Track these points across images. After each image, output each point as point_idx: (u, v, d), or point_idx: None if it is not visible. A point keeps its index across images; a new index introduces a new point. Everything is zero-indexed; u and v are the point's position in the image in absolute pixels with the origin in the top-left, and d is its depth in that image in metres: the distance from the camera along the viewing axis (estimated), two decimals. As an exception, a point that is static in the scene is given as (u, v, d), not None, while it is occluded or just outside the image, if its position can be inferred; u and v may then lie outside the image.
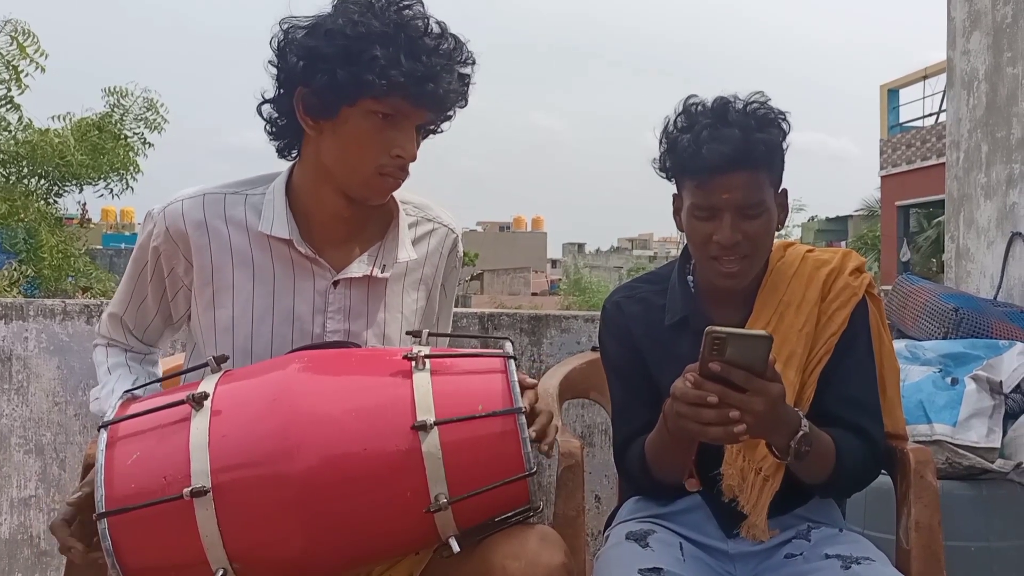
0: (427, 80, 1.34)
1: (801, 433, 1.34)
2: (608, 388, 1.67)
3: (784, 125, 1.49)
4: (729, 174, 1.43)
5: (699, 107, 1.49)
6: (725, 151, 1.41)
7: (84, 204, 9.98)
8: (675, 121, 1.51)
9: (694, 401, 1.27)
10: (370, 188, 1.42)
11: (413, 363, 1.27)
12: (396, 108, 1.36)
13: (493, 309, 3.16)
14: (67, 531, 1.29)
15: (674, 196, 1.56)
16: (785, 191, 1.53)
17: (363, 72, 1.32)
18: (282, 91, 1.41)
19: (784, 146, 1.49)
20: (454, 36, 1.39)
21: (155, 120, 8.90)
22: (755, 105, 1.47)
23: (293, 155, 1.49)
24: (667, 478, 1.52)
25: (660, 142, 1.52)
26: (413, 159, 1.41)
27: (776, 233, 1.55)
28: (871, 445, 1.49)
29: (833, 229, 29.05)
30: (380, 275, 1.48)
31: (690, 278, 1.60)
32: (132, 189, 8.98)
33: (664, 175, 1.55)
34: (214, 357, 1.33)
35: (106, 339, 1.60)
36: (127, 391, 1.37)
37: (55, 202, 9.06)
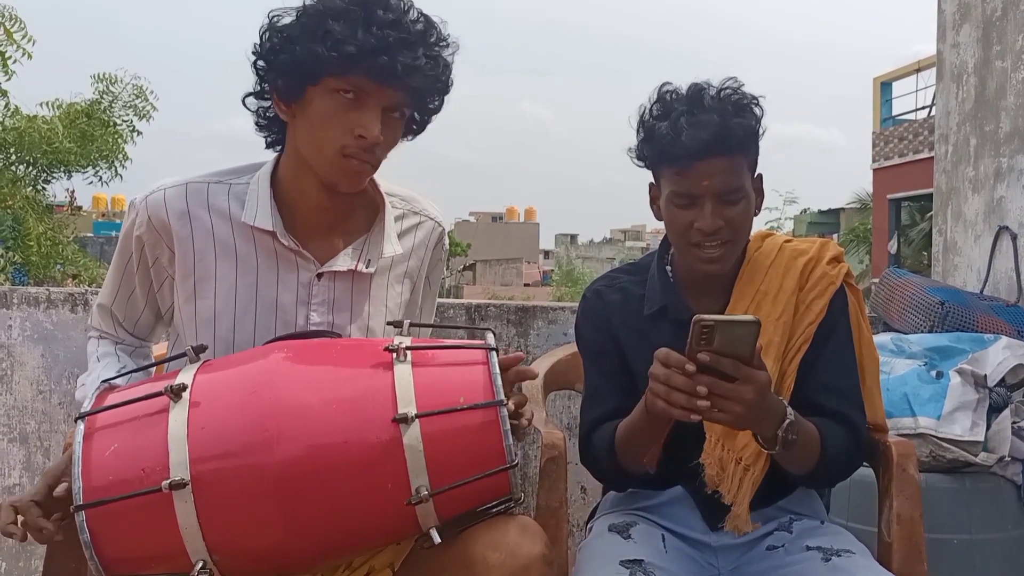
0: (381, 52, 1.31)
1: (788, 421, 1.34)
2: (583, 375, 1.66)
3: (758, 110, 1.49)
4: (708, 160, 1.42)
5: (673, 94, 1.49)
6: (704, 137, 1.41)
7: (72, 191, 9.92)
8: (650, 109, 1.50)
9: (678, 387, 1.25)
10: (336, 170, 1.39)
11: (394, 355, 1.26)
12: (357, 86, 1.34)
13: (480, 300, 3.15)
14: (38, 511, 1.27)
15: (650, 185, 1.56)
16: (760, 176, 1.53)
17: (317, 46, 1.31)
18: (263, 79, 1.40)
19: (760, 130, 1.49)
20: (425, 17, 1.37)
21: (144, 107, 8.85)
22: (729, 91, 1.47)
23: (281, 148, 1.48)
24: (632, 464, 1.49)
25: (637, 131, 1.52)
26: (376, 140, 1.37)
27: (770, 226, 1.55)
28: (854, 433, 1.49)
29: (825, 222, 29.09)
30: (365, 270, 1.47)
31: (668, 268, 1.60)
32: (121, 177, 8.94)
33: (641, 164, 1.54)
34: (193, 347, 1.32)
35: (98, 331, 1.58)
36: (104, 380, 1.36)
37: (43, 189, 9.01)
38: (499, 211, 59.93)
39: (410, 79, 1.35)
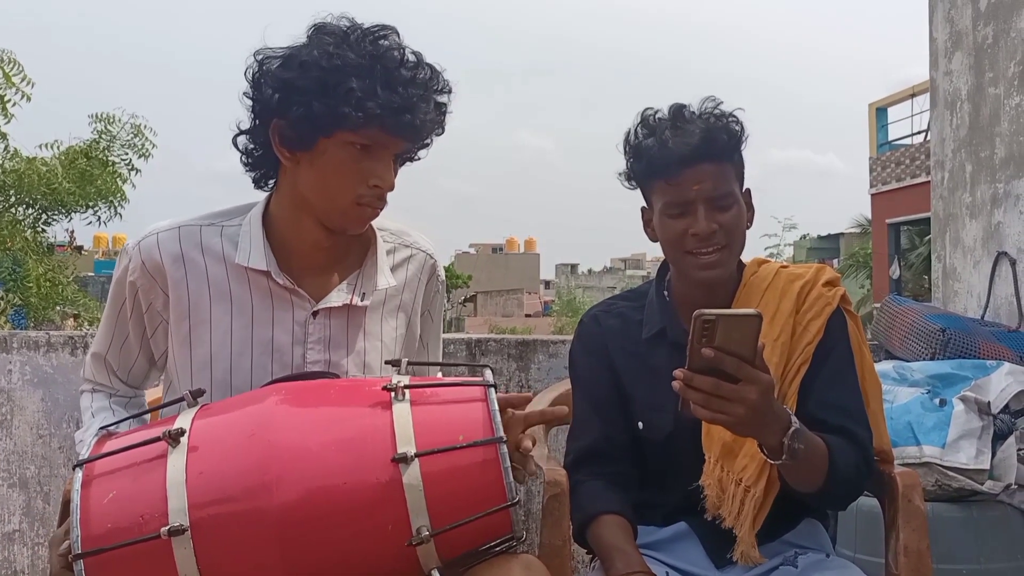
0: (404, 111, 1.34)
1: (793, 429, 1.32)
2: (572, 403, 1.66)
3: (738, 125, 1.52)
4: (696, 165, 1.47)
5: (656, 115, 1.54)
6: (691, 142, 1.46)
7: (72, 232, 9.96)
8: (635, 131, 1.55)
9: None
10: (348, 218, 1.42)
11: (392, 394, 1.26)
12: (373, 139, 1.36)
13: (480, 335, 3.15)
14: None
15: (643, 209, 1.59)
16: (749, 190, 1.56)
17: (339, 104, 1.32)
18: (257, 122, 1.40)
19: (743, 139, 1.53)
20: (430, 66, 1.40)
21: (143, 146, 8.91)
22: (709, 106, 1.53)
23: (269, 185, 1.48)
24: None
25: (625, 152, 1.56)
26: (391, 188, 1.41)
27: (769, 252, 1.56)
28: (860, 447, 1.48)
29: (825, 247, 29.17)
30: (359, 303, 1.48)
31: (666, 293, 1.61)
32: (120, 216, 8.97)
33: (631, 185, 1.58)
34: (190, 391, 1.31)
35: (91, 384, 1.56)
36: (102, 427, 1.35)
37: (43, 231, 9.04)
38: (499, 242, 60.15)
39: (423, 131, 1.39)
